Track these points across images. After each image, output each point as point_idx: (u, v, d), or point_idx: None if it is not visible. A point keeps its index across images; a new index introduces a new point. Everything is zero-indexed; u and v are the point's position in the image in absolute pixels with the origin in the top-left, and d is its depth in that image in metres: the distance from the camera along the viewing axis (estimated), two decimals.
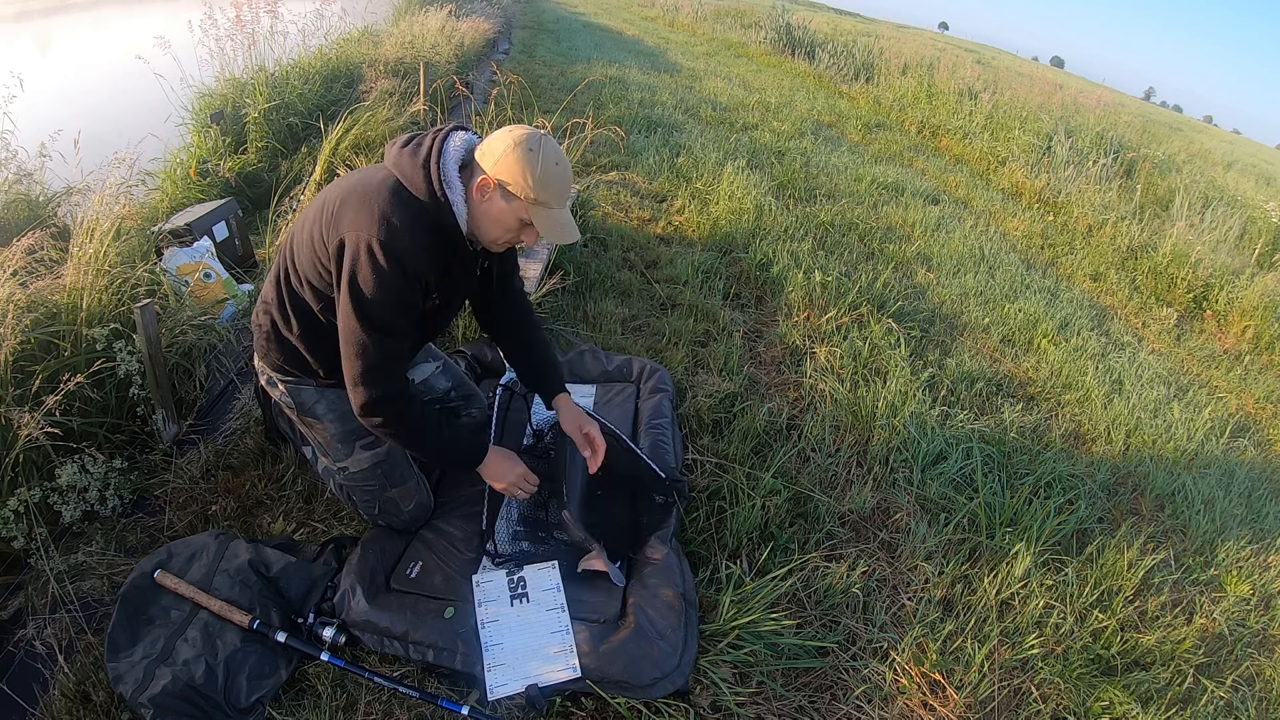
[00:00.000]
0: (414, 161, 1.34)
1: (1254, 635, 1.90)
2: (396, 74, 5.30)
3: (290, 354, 1.54)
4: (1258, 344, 4.20)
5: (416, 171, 1.34)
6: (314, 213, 1.42)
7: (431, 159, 1.34)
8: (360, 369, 1.37)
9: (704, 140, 5.55)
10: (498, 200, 1.36)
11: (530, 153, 1.33)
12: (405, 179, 1.35)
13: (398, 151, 1.38)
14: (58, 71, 6.02)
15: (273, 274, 1.53)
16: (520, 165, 1.32)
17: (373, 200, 1.32)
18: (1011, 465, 2.34)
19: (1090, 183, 6.10)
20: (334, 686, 1.40)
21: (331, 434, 1.60)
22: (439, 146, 1.36)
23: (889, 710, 1.50)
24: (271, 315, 1.52)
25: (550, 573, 1.58)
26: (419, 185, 1.34)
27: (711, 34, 14.16)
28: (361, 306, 1.32)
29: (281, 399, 1.61)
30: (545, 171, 1.33)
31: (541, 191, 1.34)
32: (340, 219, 1.34)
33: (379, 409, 1.40)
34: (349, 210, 1.33)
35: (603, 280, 3.14)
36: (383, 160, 1.42)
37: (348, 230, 1.31)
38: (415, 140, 1.39)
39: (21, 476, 1.60)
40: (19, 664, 1.40)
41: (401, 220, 1.31)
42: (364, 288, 1.31)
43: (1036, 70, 20.38)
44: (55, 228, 2.45)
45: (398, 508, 1.66)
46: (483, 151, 1.37)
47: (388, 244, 1.29)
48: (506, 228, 1.40)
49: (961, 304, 3.54)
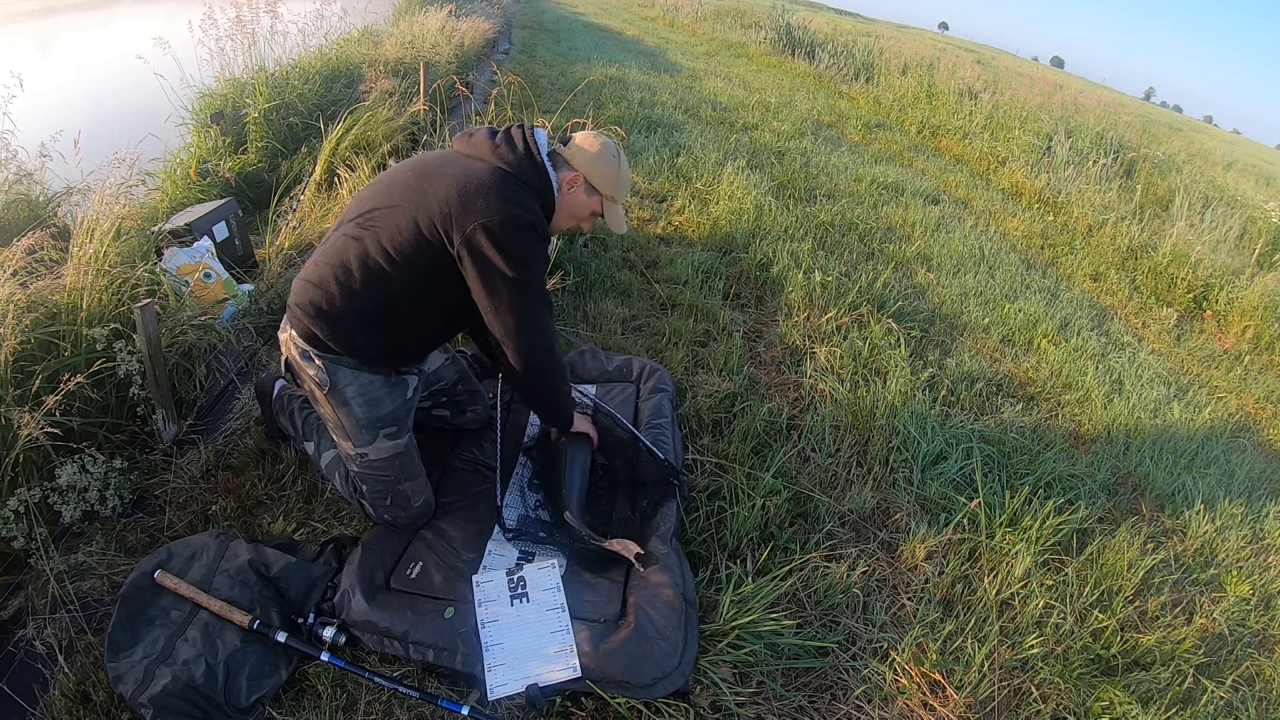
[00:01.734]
0: (517, 154, 1.53)
1: (1254, 635, 1.90)
2: (396, 74, 5.30)
3: (341, 329, 1.54)
4: (1258, 344, 4.20)
5: (525, 163, 1.53)
6: (409, 194, 1.50)
7: (533, 151, 1.55)
8: (535, 344, 1.56)
9: (704, 140, 5.55)
10: (580, 193, 1.63)
11: (614, 158, 1.63)
12: (514, 169, 1.52)
13: (493, 144, 1.54)
14: (58, 71, 6.01)
15: (334, 247, 1.54)
16: (607, 166, 1.61)
17: (499, 188, 1.47)
18: (1011, 465, 2.34)
19: (1090, 183, 6.10)
20: (334, 686, 1.40)
21: (357, 419, 1.60)
22: (534, 141, 1.56)
23: (889, 710, 1.50)
24: (330, 288, 1.52)
25: (550, 573, 1.58)
26: (529, 175, 1.53)
27: (711, 34, 14.16)
28: (525, 282, 1.49)
29: (316, 375, 1.58)
30: (623, 174, 1.65)
31: (618, 190, 1.65)
32: (468, 208, 1.44)
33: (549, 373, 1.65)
34: (476, 199, 1.44)
35: (603, 280, 3.14)
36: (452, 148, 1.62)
37: (483, 216, 1.43)
38: (504, 134, 1.57)
39: (21, 476, 1.60)
40: (19, 664, 1.40)
41: (528, 203, 1.51)
42: (523, 262, 1.47)
43: (1036, 70, 20.38)
44: (55, 228, 2.44)
45: (407, 502, 1.66)
46: (571, 152, 1.62)
47: (528, 221, 1.47)
48: (578, 217, 1.67)
49: (961, 304, 3.54)
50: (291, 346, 1.61)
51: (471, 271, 1.47)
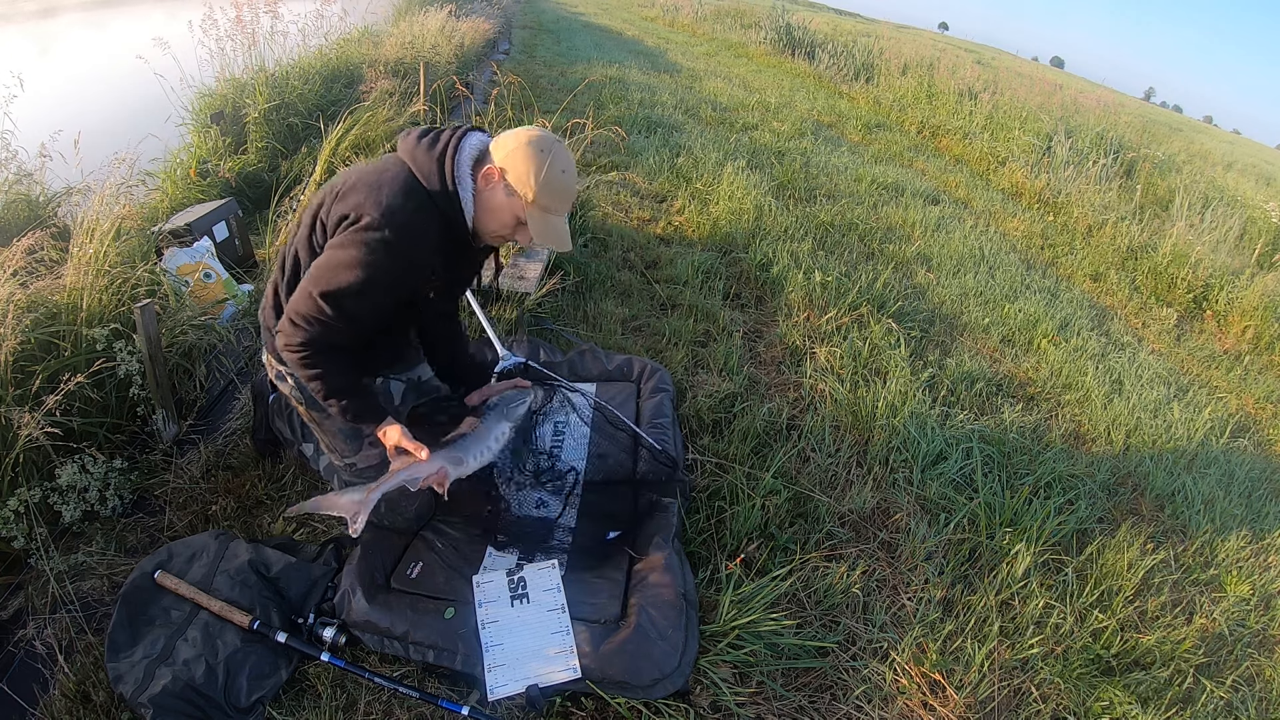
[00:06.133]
0: (429, 155, 1.37)
1: (1254, 635, 1.90)
2: (396, 74, 5.30)
3: None
4: (1258, 344, 4.20)
5: (431, 164, 1.36)
6: (320, 197, 1.44)
7: (448, 154, 1.37)
8: (304, 334, 1.36)
9: (704, 140, 5.55)
10: (500, 192, 1.39)
11: (541, 154, 1.35)
12: (419, 170, 1.37)
13: (414, 143, 1.40)
14: (58, 71, 6.01)
15: (278, 264, 1.53)
16: (528, 163, 1.35)
17: (384, 187, 1.34)
18: (1011, 465, 2.34)
19: (1090, 183, 6.11)
20: (334, 687, 1.40)
21: (340, 430, 1.61)
22: (456, 143, 1.39)
23: (889, 710, 1.50)
24: (270, 302, 1.53)
25: (551, 573, 1.58)
26: (432, 178, 1.36)
27: (711, 34, 14.16)
28: (332, 282, 1.32)
29: (292, 393, 1.60)
30: (550, 176, 1.35)
31: (542, 194, 1.36)
32: (347, 197, 1.36)
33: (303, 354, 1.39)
34: (358, 193, 1.36)
35: (603, 280, 3.14)
36: (394, 151, 1.45)
37: (352, 208, 1.34)
38: (433, 134, 1.41)
39: (21, 476, 1.60)
40: (19, 664, 1.40)
41: (405, 210, 1.33)
42: (343, 266, 1.32)
43: (1036, 70, 20.38)
44: (55, 228, 2.45)
45: (403, 505, 1.66)
46: (497, 143, 1.40)
47: (384, 233, 1.30)
48: (503, 222, 1.41)
49: (961, 304, 3.54)
50: (269, 368, 1.63)
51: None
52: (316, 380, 1.42)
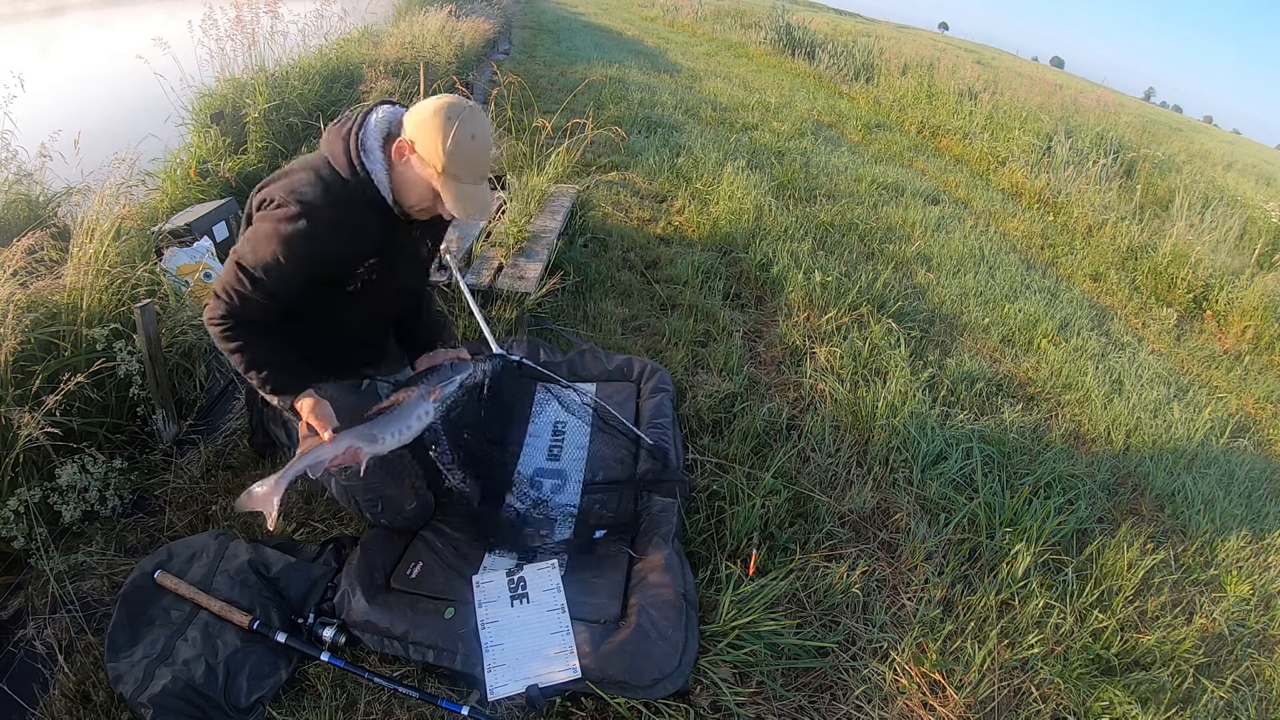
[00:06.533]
0: (337, 135, 1.37)
1: (1254, 635, 1.90)
2: (396, 74, 5.31)
3: None
4: (1258, 344, 4.20)
5: (338, 145, 1.36)
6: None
7: (352, 132, 1.36)
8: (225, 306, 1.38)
9: (704, 140, 5.55)
10: (413, 166, 1.36)
11: (448, 120, 1.31)
12: (331, 155, 1.38)
13: (326, 129, 1.42)
14: (58, 71, 6.01)
15: None
16: (435, 132, 1.31)
17: (295, 172, 1.37)
18: (1011, 465, 2.34)
19: (1090, 183, 6.11)
20: (334, 686, 1.40)
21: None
22: (360, 120, 1.38)
23: (889, 710, 1.50)
24: None
25: (550, 573, 1.58)
26: (340, 159, 1.36)
27: (711, 34, 14.16)
28: (248, 257, 1.34)
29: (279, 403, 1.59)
30: (458, 143, 1.31)
31: (451, 162, 1.32)
32: (268, 185, 1.38)
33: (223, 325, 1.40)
34: (276, 180, 1.38)
35: (603, 280, 3.14)
36: None
37: (269, 194, 1.35)
38: (342, 116, 1.43)
39: (21, 476, 1.60)
40: (19, 664, 1.40)
41: (313, 197, 1.33)
42: (260, 239, 1.33)
43: (1036, 70, 20.38)
44: (55, 228, 2.45)
45: (400, 505, 1.66)
46: (409, 115, 1.37)
47: (291, 210, 1.31)
48: (420, 195, 1.38)
49: (961, 304, 3.54)
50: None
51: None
52: (237, 354, 1.41)
